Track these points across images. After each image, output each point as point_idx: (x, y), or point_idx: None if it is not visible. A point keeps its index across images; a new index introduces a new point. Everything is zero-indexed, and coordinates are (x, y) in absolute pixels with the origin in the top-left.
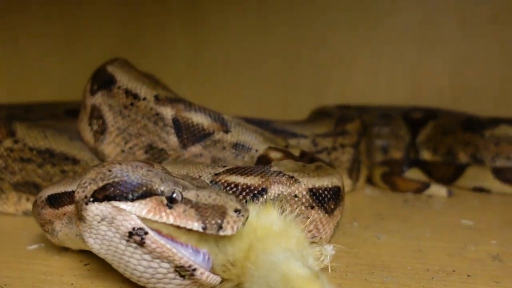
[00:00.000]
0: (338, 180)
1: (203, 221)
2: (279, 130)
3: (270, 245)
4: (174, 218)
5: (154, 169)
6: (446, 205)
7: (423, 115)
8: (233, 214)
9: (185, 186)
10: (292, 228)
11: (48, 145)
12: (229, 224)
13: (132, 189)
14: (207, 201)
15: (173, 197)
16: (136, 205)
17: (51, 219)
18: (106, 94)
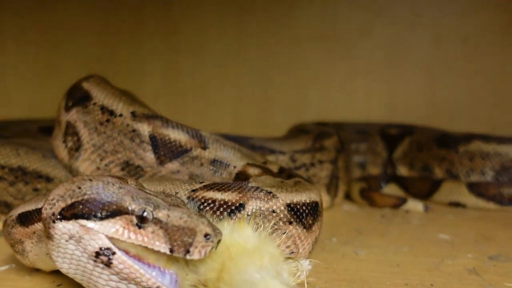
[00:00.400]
0: (316, 196)
1: (171, 244)
2: (257, 146)
3: (243, 264)
4: (142, 239)
5: (127, 185)
6: (423, 220)
7: (399, 131)
8: (202, 239)
9: (156, 205)
10: (267, 244)
11: (21, 163)
12: (196, 248)
13: (101, 208)
14: (178, 223)
15: (143, 216)
16: (104, 224)
17: (21, 238)
18: (81, 111)
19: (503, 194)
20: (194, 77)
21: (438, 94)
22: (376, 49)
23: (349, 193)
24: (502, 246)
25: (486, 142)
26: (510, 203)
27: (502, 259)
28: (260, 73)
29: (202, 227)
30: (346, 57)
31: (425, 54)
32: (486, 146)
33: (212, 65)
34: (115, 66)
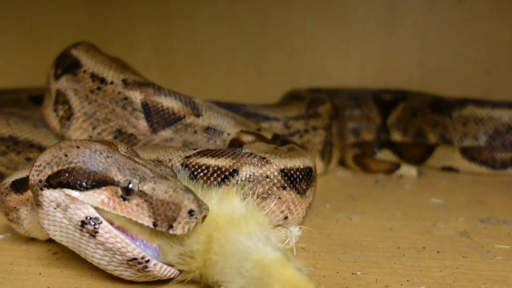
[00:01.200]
0: (310, 161)
1: (154, 218)
2: (251, 113)
3: (231, 233)
4: (127, 211)
5: (115, 153)
6: (416, 185)
7: (393, 97)
8: (186, 215)
9: (143, 177)
10: (254, 213)
11: (12, 133)
12: (180, 224)
13: (87, 177)
14: (162, 197)
15: (128, 188)
16: (89, 194)
17: (16, 206)
18: (71, 79)
19: (496, 158)
20: (186, 45)
21: (431, 59)
22: (371, 13)
23: (343, 159)
24: (493, 209)
25: (480, 106)
26: (502, 167)
27: (493, 222)
28: (252, 39)
29: (187, 202)
30: (340, 21)
31: (419, 18)
32: (480, 110)
33: (204, 32)
34: (106, 34)
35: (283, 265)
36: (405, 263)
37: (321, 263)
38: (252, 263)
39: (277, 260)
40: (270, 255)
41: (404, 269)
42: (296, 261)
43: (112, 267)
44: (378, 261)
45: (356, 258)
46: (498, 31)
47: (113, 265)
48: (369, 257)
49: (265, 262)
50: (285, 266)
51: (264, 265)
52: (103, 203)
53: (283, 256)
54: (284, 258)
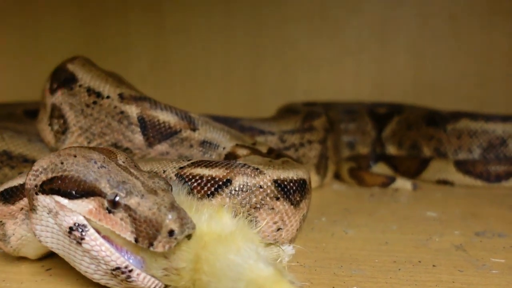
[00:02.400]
0: (304, 173)
1: (136, 234)
2: (247, 127)
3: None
4: (111, 224)
5: (110, 164)
6: (411, 198)
7: (388, 110)
8: (165, 235)
9: (130, 191)
10: (244, 230)
11: (6, 147)
12: (160, 243)
13: (77, 186)
14: (146, 213)
15: (115, 200)
16: (77, 203)
17: (2, 219)
18: (67, 93)
19: (490, 171)
20: (181, 59)
21: (425, 73)
22: (364, 28)
23: (338, 172)
24: (489, 222)
25: (474, 120)
26: (496, 180)
27: (488, 235)
28: (247, 53)
29: (168, 222)
30: (334, 36)
31: (413, 32)
32: (474, 124)
33: (199, 45)
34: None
35: (277, 282)
36: (401, 277)
37: (316, 278)
38: (246, 282)
39: (270, 277)
40: (263, 272)
41: (400, 284)
42: (290, 275)
43: (98, 275)
44: (374, 276)
45: (351, 273)
46: (491, 45)
47: (99, 274)
48: (364, 271)
49: (260, 281)
50: (279, 282)
51: (258, 284)
52: (90, 213)
53: (276, 271)
54: (277, 274)
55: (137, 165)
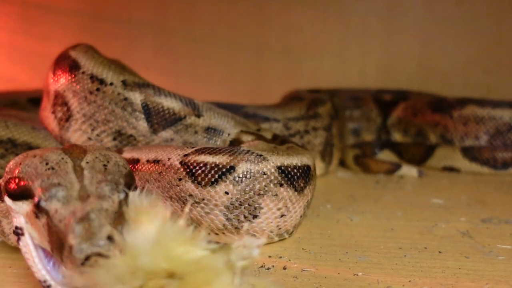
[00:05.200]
0: (308, 160)
1: (51, 243)
2: (251, 114)
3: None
4: (37, 230)
5: (61, 166)
6: (417, 185)
7: (393, 96)
8: (67, 250)
9: (54, 195)
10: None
11: (10, 135)
12: (67, 258)
13: (20, 189)
14: (58, 224)
15: (39, 205)
16: (19, 205)
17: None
18: (70, 80)
19: (497, 158)
20: (185, 46)
21: (431, 59)
22: (370, 14)
23: (343, 160)
24: (495, 209)
25: (480, 106)
26: (503, 167)
27: (495, 222)
28: (251, 39)
29: (71, 236)
30: (339, 22)
31: (419, 18)
32: (481, 110)
33: (203, 32)
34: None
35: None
36: (406, 263)
37: (322, 264)
38: None
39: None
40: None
41: (406, 270)
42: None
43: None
44: (379, 262)
45: (357, 259)
46: (498, 31)
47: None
48: (370, 257)
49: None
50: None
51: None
52: (27, 215)
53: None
54: None
55: (106, 164)
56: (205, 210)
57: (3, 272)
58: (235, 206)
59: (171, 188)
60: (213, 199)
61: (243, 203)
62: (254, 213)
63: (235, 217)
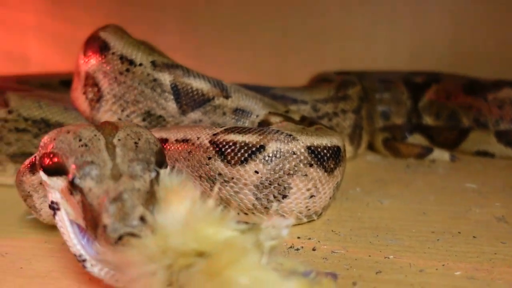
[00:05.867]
0: (338, 141)
1: (86, 221)
2: (279, 96)
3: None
4: (72, 206)
5: (94, 143)
6: (450, 170)
7: (425, 79)
8: (101, 229)
9: (88, 173)
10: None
11: (43, 115)
12: (101, 236)
13: (54, 164)
14: (93, 202)
15: (73, 182)
16: (54, 180)
17: (30, 191)
18: (100, 61)
19: None
20: (211, 29)
21: (464, 39)
22: None
23: (372, 143)
24: None
25: None
26: None
27: None
28: (277, 21)
29: (105, 215)
30: (366, 2)
31: None
32: None
33: (228, 15)
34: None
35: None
36: (440, 247)
37: (352, 246)
38: None
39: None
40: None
41: (439, 254)
42: (296, 263)
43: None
44: (411, 245)
45: (388, 242)
46: None
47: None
48: (401, 241)
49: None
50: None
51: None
52: (62, 191)
53: (297, 282)
54: (299, 284)
55: (137, 142)
56: (234, 189)
57: (38, 247)
58: (264, 186)
59: (201, 167)
60: (243, 178)
61: (273, 182)
62: (283, 193)
63: (265, 196)
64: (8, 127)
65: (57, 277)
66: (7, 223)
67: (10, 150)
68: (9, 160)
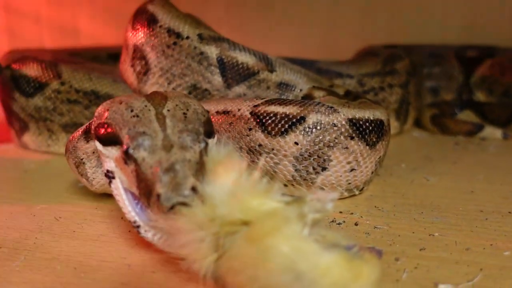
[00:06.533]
0: (381, 114)
1: (139, 189)
2: (324, 70)
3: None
4: (127, 175)
5: (145, 114)
6: (501, 148)
7: (478, 53)
8: (155, 197)
9: (141, 144)
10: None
11: (93, 87)
12: (154, 204)
13: (107, 134)
14: (146, 171)
15: (127, 152)
16: (108, 150)
17: (83, 158)
18: (148, 34)
19: None
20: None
21: None
22: None
23: (419, 119)
24: None
25: None
26: None
27: None
28: None
29: (159, 185)
30: None
31: None
32: None
33: None
34: None
35: (345, 266)
36: (488, 227)
37: (395, 222)
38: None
39: (323, 265)
40: (326, 261)
41: (487, 233)
42: (340, 237)
43: None
44: (457, 224)
45: (433, 220)
46: None
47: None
48: (447, 218)
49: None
50: (348, 265)
51: (326, 274)
52: (116, 160)
53: (339, 254)
54: (340, 256)
55: (186, 113)
56: (274, 160)
57: (89, 212)
58: (304, 157)
59: (241, 139)
60: (283, 149)
61: (312, 154)
62: (323, 165)
63: (304, 168)
64: (60, 98)
65: (106, 241)
66: (61, 190)
67: (63, 120)
68: (61, 130)
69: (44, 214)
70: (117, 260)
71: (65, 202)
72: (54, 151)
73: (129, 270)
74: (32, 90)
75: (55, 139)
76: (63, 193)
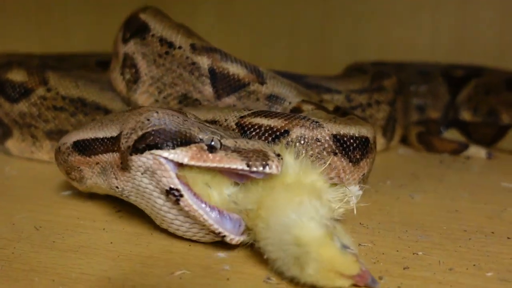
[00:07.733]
0: (367, 131)
1: (247, 161)
2: (312, 84)
3: (281, 201)
4: (218, 160)
5: (189, 118)
6: (485, 167)
7: (465, 73)
8: (275, 156)
9: (222, 135)
10: (307, 175)
11: (80, 94)
12: (273, 163)
13: (173, 137)
14: (246, 147)
15: (212, 144)
16: (178, 153)
17: (80, 166)
18: (139, 42)
19: None
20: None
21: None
22: None
23: (406, 136)
24: None
25: None
26: None
27: None
28: (315, 7)
29: (269, 148)
30: None
31: None
32: None
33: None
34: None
35: (323, 245)
36: (471, 247)
37: (380, 240)
38: (292, 237)
39: (318, 239)
40: (312, 232)
41: (471, 253)
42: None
43: (191, 233)
44: (441, 243)
45: (417, 238)
46: None
47: (193, 232)
48: (431, 237)
49: (305, 239)
50: (325, 246)
51: (303, 242)
52: (192, 159)
53: (326, 234)
54: (326, 237)
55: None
56: None
57: (70, 222)
58: None
59: None
60: None
61: None
62: None
63: None
64: (46, 105)
65: (87, 253)
66: (42, 198)
67: (47, 127)
68: (45, 137)
69: (24, 223)
70: (97, 272)
71: (46, 211)
72: (37, 158)
73: (109, 284)
74: (17, 95)
75: (39, 146)
76: (44, 202)
